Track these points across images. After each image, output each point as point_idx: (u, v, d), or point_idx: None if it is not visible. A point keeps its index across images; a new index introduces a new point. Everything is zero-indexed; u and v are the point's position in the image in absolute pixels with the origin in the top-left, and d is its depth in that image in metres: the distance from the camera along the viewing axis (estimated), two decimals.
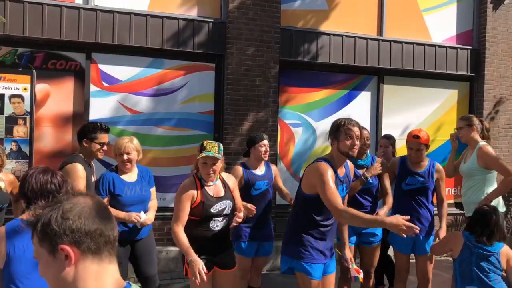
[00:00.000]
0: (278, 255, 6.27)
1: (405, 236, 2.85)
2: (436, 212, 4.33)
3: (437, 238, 4.07)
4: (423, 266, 4.13)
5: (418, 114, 7.30)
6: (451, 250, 3.58)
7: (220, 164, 3.32)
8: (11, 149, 5.49)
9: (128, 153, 3.79)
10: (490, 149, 4.42)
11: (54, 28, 5.52)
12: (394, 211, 4.26)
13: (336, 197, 3.06)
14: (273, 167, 4.57)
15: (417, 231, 2.80)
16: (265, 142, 4.31)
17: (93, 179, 3.73)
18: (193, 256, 3.08)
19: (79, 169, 3.49)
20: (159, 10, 6.01)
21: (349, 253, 3.57)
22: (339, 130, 3.20)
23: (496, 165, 4.37)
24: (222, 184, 3.41)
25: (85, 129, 3.76)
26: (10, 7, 5.36)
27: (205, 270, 3.06)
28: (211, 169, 3.24)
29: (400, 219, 2.83)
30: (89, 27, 5.64)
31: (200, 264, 3.04)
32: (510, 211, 7.47)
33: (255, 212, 4.01)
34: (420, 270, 4.16)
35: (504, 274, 3.43)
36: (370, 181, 4.13)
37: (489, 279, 3.32)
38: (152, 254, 3.97)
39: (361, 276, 3.51)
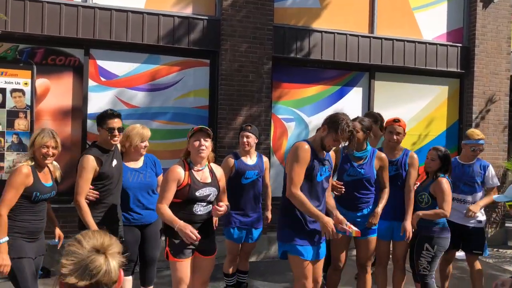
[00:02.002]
0: (271, 245, 6.51)
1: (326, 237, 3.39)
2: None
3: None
4: (399, 251, 4.28)
5: (409, 110, 7.46)
6: None
7: (210, 145, 3.42)
8: (12, 141, 5.71)
9: (147, 141, 4.00)
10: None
11: (54, 25, 5.72)
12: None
13: (299, 176, 3.30)
14: (264, 159, 4.73)
15: (333, 236, 3.32)
16: (246, 133, 4.47)
17: (114, 163, 3.78)
18: (179, 222, 3.21)
19: (85, 161, 3.60)
20: (155, 8, 6.20)
21: (339, 215, 3.53)
22: (338, 126, 3.31)
23: None
24: (209, 172, 3.52)
25: (98, 117, 3.84)
26: (11, 4, 5.57)
27: (196, 233, 3.16)
28: (203, 144, 3.35)
29: (331, 225, 3.29)
30: (88, 24, 5.85)
31: (189, 227, 3.18)
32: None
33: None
34: (395, 255, 4.32)
35: None
36: (362, 172, 3.95)
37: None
38: (158, 238, 4.14)
39: (355, 229, 3.48)
